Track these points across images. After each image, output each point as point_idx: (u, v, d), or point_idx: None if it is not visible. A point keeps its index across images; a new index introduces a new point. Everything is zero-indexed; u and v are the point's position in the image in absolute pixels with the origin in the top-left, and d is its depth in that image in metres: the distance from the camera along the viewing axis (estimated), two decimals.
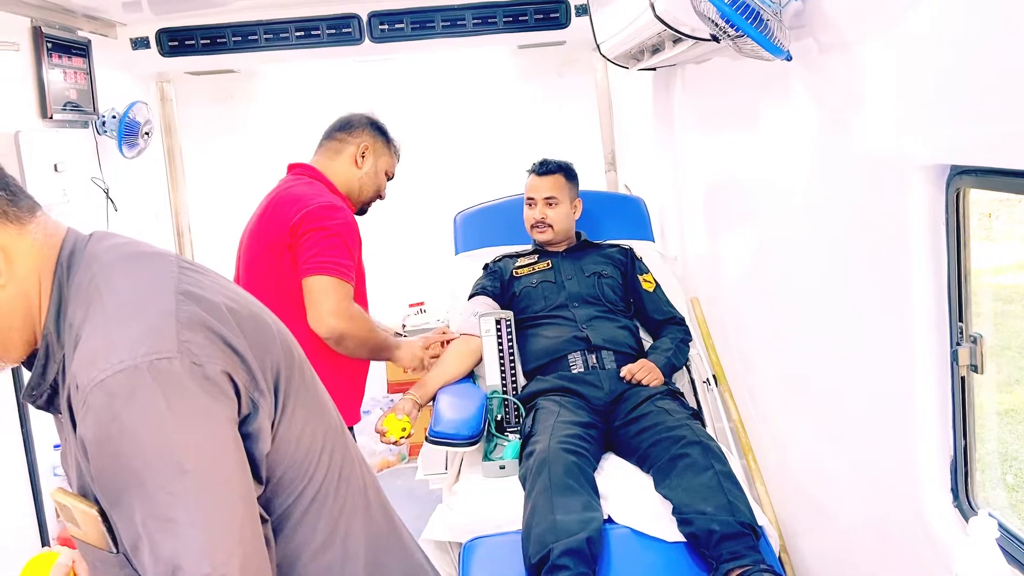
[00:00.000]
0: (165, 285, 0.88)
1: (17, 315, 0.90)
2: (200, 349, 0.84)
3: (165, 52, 3.36)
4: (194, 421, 0.82)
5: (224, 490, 0.84)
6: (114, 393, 0.80)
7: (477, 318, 2.42)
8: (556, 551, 1.74)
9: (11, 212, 0.88)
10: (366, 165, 2.29)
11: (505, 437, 2.27)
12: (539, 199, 2.60)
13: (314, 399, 1.00)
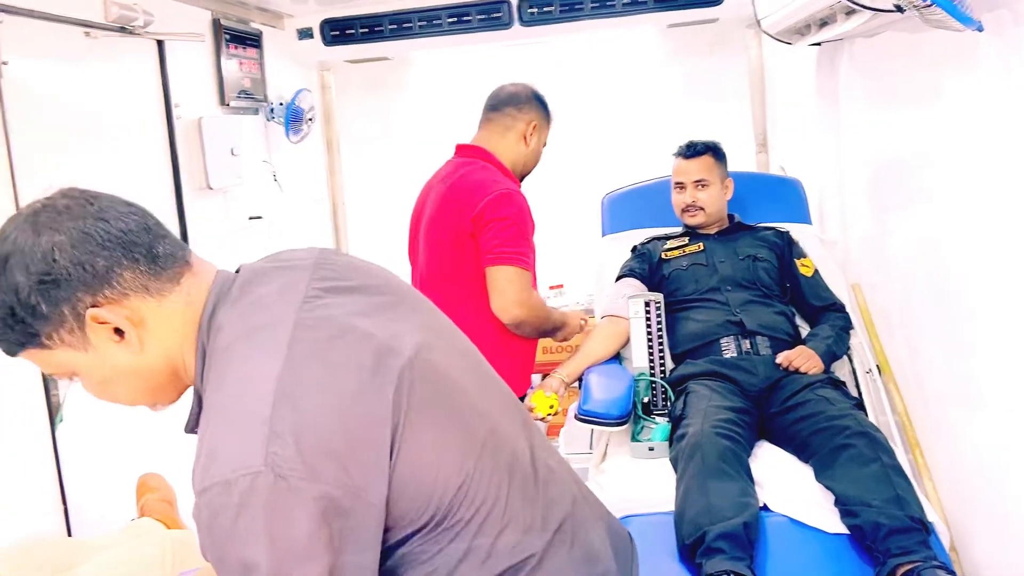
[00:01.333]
0: (266, 385, 0.86)
1: (161, 375, 0.95)
2: (286, 462, 0.82)
3: (327, 41, 3.53)
4: (277, 533, 0.82)
5: None
6: (210, 505, 0.82)
7: (625, 300, 2.41)
8: (711, 534, 1.72)
9: (152, 286, 0.92)
10: (533, 142, 2.31)
11: (652, 420, 2.26)
12: (688, 182, 2.56)
13: (447, 413, 0.95)
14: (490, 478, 0.96)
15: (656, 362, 2.35)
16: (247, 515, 0.81)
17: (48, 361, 0.92)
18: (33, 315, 0.88)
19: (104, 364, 0.92)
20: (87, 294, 0.88)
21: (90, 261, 0.88)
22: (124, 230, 0.91)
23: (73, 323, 0.89)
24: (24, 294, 0.87)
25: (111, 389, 0.96)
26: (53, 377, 0.97)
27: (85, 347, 0.90)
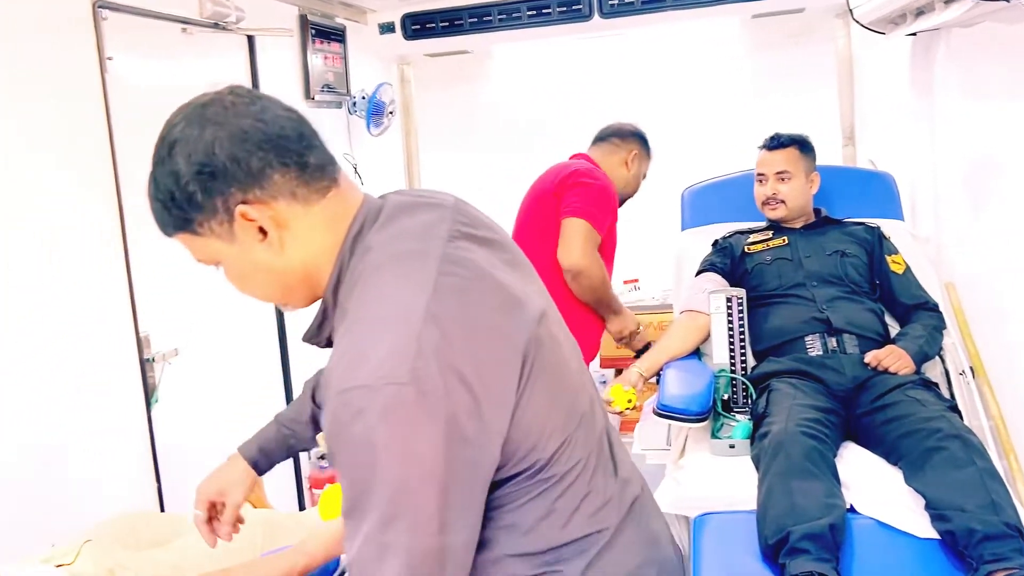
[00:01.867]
0: (417, 303, 0.89)
1: (294, 277, 0.99)
2: (430, 380, 0.85)
3: (408, 35, 3.58)
4: (407, 446, 0.85)
5: (415, 515, 0.87)
6: (349, 405, 0.85)
7: (706, 295, 2.38)
8: (796, 535, 1.69)
9: (299, 192, 0.94)
10: (634, 168, 2.72)
11: (732, 417, 2.22)
12: (770, 174, 2.51)
13: (557, 381, 0.99)
14: (583, 447, 1.00)
15: (737, 359, 2.31)
16: (385, 423, 0.84)
17: (197, 247, 0.98)
18: (189, 202, 0.93)
19: (245, 259, 0.96)
20: (239, 190, 0.92)
21: (245, 160, 0.92)
22: (280, 135, 0.93)
23: (223, 216, 0.93)
24: (184, 181, 0.92)
25: (248, 283, 1.01)
26: (200, 263, 1.01)
27: (231, 240, 0.95)
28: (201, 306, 2.58)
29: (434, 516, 0.87)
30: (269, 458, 1.46)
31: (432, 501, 0.87)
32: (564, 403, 0.99)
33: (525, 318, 0.96)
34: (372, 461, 0.85)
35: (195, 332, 2.53)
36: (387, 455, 0.85)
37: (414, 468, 0.86)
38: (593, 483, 1.01)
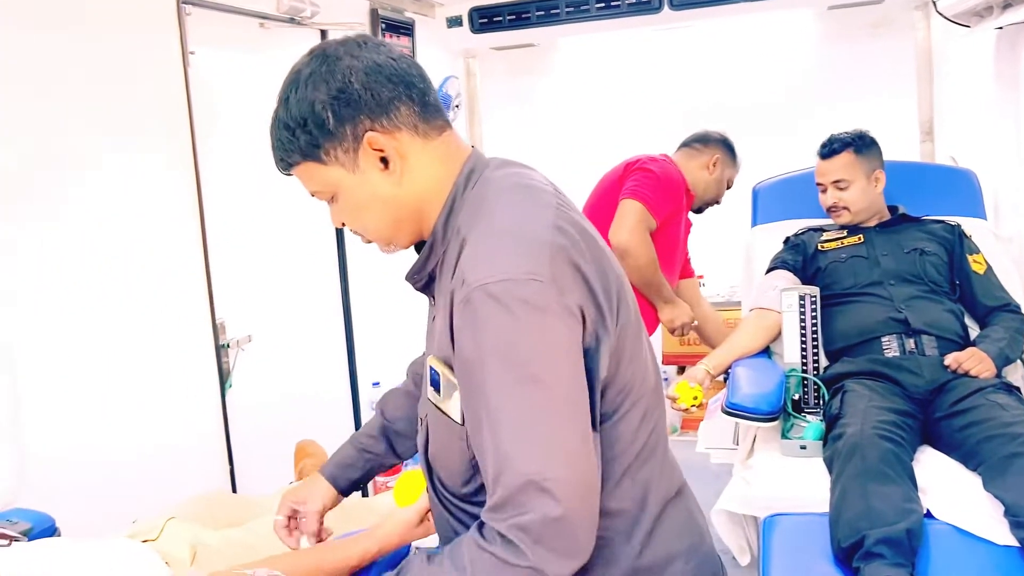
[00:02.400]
0: (545, 217, 0.97)
1: (407, 211, 1.05)
2: (564, 280, 0.92)
3: (475, 29, 3.59)
4: (550, 337, 0.91)
5: (563, 405, 0.91)
6: (493, 296, 0.90)
7: (777, 292, 2.33)
8: (871, 539, 1.65)
9: (420, 127, 1.02)
10: (716, 172, 2.76)
11: (803, 417, 2.18)
12: (827, 183, 2.46)
13: (637, 340, 1.05)
14: (648, 418, 1.05)
15: (809, 358, 2.26)
16: (525, 311, 0.90)
17: (318, 177, 1.03)
18: (320, 128, 0.99)
19: (364, 188, 1.03)
20: (368, 118, 0.99)
21: (377, 90, 0.99)
22: (407, 72, 1.02)
23: (351, 143, 1.00)
24: (318, 107, 0.98)
25: (362, 216, 1.06)
26: (315, 196, 1.07)
27: (353, 169, 1.01)
28: (273, 295, 2.64)
29: (582, 403, 0.93)
30: (347, 474, 1.45)
31: (578, 390, 0.92)
32: (639, 365, 1.04)
33: (615, 273, 1.03)
34: (522, 351, 0.90)
35: (267, 320, 2.60)
36: (536, 345, 0.90)
37: (562, 358, 0.91)
38: (648, 454, 1.05)
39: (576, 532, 0.90)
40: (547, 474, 0.88)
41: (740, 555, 2.05)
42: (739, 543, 2.05)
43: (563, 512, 0.88)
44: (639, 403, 1.03)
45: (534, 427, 0.90)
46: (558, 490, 0.88)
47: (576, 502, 0.90)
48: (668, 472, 1.09)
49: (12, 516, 1.49)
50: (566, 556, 0.90)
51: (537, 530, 0.88)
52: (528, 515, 0.88)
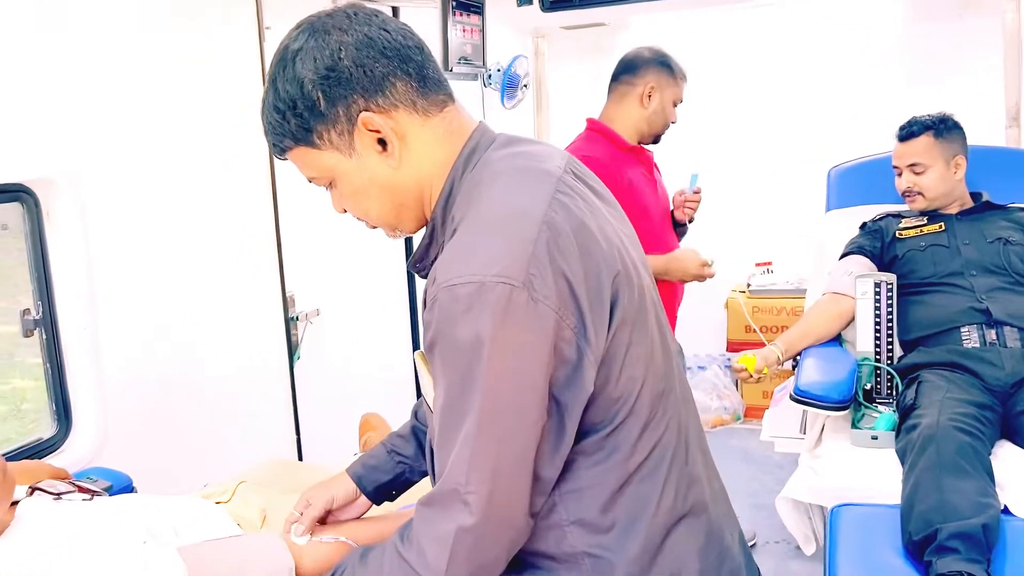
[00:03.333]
0: (535, 210, 0.90)
1: (409, 195, 0.99)
2: (542, 287, 0.86)
3: (545, 7, 3.55)
4: (512, 350, 0.86)
5: (509, 422, 0.88)
6: (457, 299, 0.85)
7: (852, 278, 2.27)
8: (944, 533, 1.60)
9: (419, 104, 0.95)
10: (652, 104, 2.34)
11: (875, 407, 2.13)
12: (903, 167, 2.38)
13: (646, 340, 0.98)
14: (656, 427, 0.98)
15: (883, 347, 2.20)
16: (494, 322, 0.84)
17: (313, 163, 0.98)
18: (311, 110, 0.93)
19: (363, 173, 0.97)
20: (362, 97, 0.92)
21: (370, 66, 0.92)
22: (403, 44, 0.95)
23: (344, 125, 0.94)
24: (308, 88, 0.92)
25: (363, 202, 1.00)
26: (313, 183, 1.02)
27: (350, 152, 0.95)
28: (340, 269, 2.69)
29: (528, 423, 0.88)
30: (374, 476, 1.35)
31: (528, 409, 0.87)
32: (637, 372, 0.96)
33: (619, 258, 0.95)
34: (475, 360, 0.85)
35: (335, 294, 2.64)
36: (492, 355, 0.85)
37: (516, 372, 0.86)
38: (652, 469, 0.98)
39: (487, 547, 0.91)
40: (470, 487, 0.88)
41: (805, 544, 2.02)
42: (804, 532, 2.02)
43: (475, 524, 0.88)
44: (638, 412, 0.96)
45: (467, 446, 0.88)
46: (476, 504, 0.88)
47: (491, 519, 0.89)
48: (681, 490, 1.00)
49: (93, 474, 1.55)
50: (475, 568, 0.91)
51: (449, 542, 0.89)
52: (444, 524, 0.89)
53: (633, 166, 2.34)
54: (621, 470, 0.96)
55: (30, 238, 1.69)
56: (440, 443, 0.91)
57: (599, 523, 0.96)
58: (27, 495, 1.25)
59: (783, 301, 3.71)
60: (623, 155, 2.33)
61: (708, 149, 3.67)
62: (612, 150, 2.33)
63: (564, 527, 0.97)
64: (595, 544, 0.96)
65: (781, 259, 3.70)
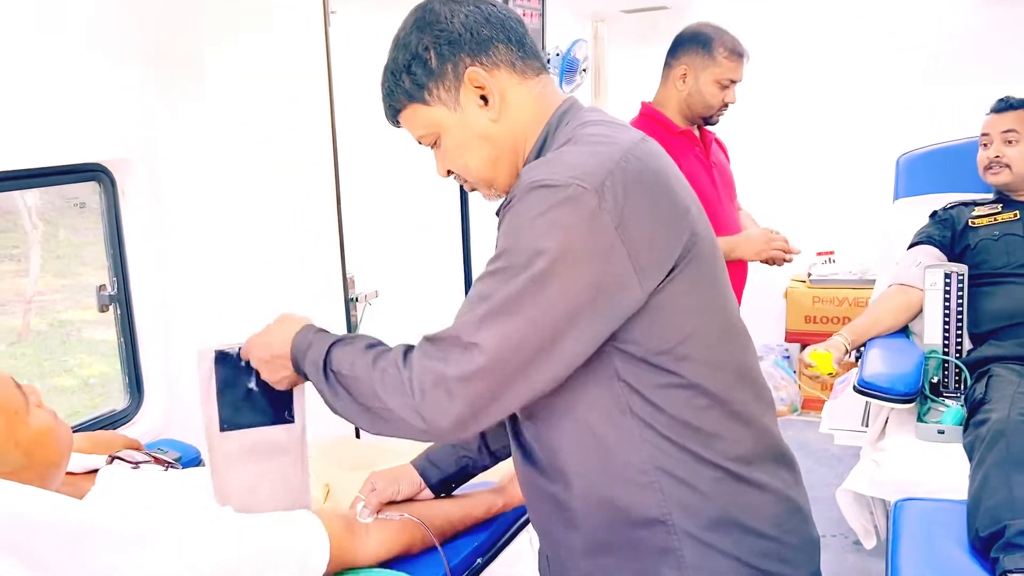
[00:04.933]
0: (624, 143, 0.98)
1: (505, 148, 1.08)
2: (613, 199, 0.92)
3: None
4: (569, 242, 0.91)
5: (540, 310, 0.92)
6: (536, 194, 0.93)
7: (921, 269, 2.21)
8: (1013, 529, 1.56)
9: (518, 65, 1.06)
10: (687, 87, 2.31)
11: (942, 401, 2.07)
12: (995, 135, 2.28)
13: (708, 290, 1.03)
14: (724, 378, 1.03)
15: (952, 340, 2.14)
16: (559, 212, 0.91)
17: (422, 119, 1.08)
18: (424, 67, 1.04)
19: (466, 126, 1.06)
20: (468, 56, 1.04)
21: (477, 29, 1.04)
22: (506, 17, 1.07)
23: (452, 82, 1.05)
24: (421, 49, 1.04)
25: (464, 155, 1.09)
26: (421, 142, 1.12)
27: (455, 107, 1.06)
28: (399, 252, 2.72)
29: (561, 313, 0.92)
30: (438, 468, 1.42)
31: (568, 299, 0.92)
32: (716, 326, 1.02)
33: (695, 214, 1.02)
34: (530, 233, 0.92)
35: (393, 276, 2.67)
36: (547, 234, 0.91)
37: (565, 257, 0.91)
38: (732, 415, 1.02)
39: (475, 401, 0.94)
40: (483, 345, 0.93)
41: (865, 538, 1.99)
42: (865, 526, 1.99)
43: (463, 375, 0.93)
44: (712, 359, 1.01)
45: (498, 303, 0.93)
46: (477, 358, 0.93)
47: (490, 381, 0.93)
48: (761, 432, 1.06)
49: (164, 445, 1.61)
50: (453, 417, 0.94)
51: (446, 381, 0.94)
52: (445, 365, 0.94)
53: (685, 151, 2.31)
54: (650, 446, 1.00)
55: (106, 216, 1.75)
56: (468, 298, 0.97)
57: (630, 512, 1.02)
58: (107, 463, 1.30)
59: (845, 292, 3.63)
60: (674, 140, 2.31)
61: (771, 134, 3.61)
62: (663, 135, 2.31)
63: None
64: (632, 536, 1.02)
65: (843, 248, 3.62)
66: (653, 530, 1.02)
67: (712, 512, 1.01)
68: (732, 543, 1.01)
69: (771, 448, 1.08)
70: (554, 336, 0.93)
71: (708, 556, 1.01)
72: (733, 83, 2.32)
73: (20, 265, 3.19)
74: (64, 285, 3.27)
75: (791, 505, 1.07)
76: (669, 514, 1.01)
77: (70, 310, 3.16)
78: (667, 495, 1.00)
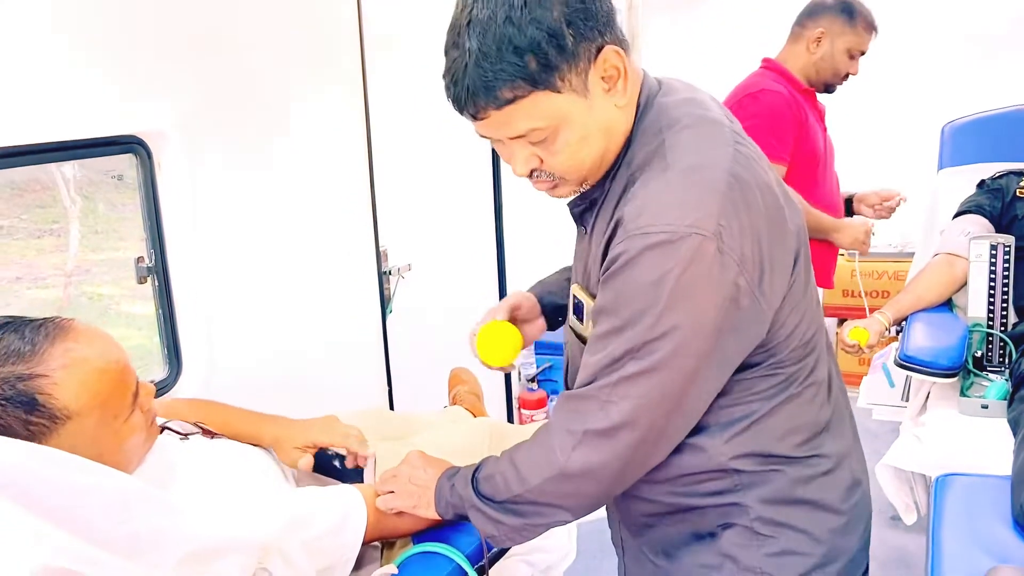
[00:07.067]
0: (722, 163, 0.92)
1: (619, 137, 0.98)
2: (730, 238, 0.88)
3: None
4: (695, 299, 0.89)
5: (679, 373, 0.92)
6: (650, 246, 0.88)
7: (967, 238, 2.15)
8: None
9: (623, 43, 0.94)
10: (820, 50, 2.33)
11: (985, 376, 2.03)
12: None
13: (805, 298, 1.02)
14: (814, 360, 1.04)
15: (997, 313, 2.08)
16: (681, 268, 0.87)
17: (544, 110, 0.91)
18: (559, 48, 0.87)
19: (593, 116, 0.93)
20: (601, 35, 0.90)
21: (605, 4, 0.91)
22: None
23: (584, 64, 0.90)
24: (557, 24, 0.86)
25: (583, 148, 0.95)
26: (524, 138, 0.94)
27: (585, 93, 0.91)
28: (432, 226, 2.71)
29: (689, 365, 0.91)
30: (553, 297, 1.36)
31: (693, 350, 0.91)
32: (812, 309, 1.03)
33: (797, 211, 1.00)
34: (655, 300, 0.89)
35: (426, 250, 2.67)
36: (672, 298, 0.88)
37: (692, 316, 0.89)
38: (818, 399, 1.04)
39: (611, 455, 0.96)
40: (612, 399, 0.94)
41: (906, 514, 1.96)
42: (905, 501, 1.96)
43: (604, 429, 0.95)
44: (811, 344, 1.03)
45: (631, 388, 0.93)
46: (615, 414, 0.94)
47: (624, 435, 0.95)
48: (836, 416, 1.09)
49: None
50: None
51: (580, 437, 0.96)
52: (581, 422, 0.96)
53: (810, 107, 2.37)
54: (776, 400, 1.01)
55: (143, 188, 1.76)
56: (599, 366, 0.95)
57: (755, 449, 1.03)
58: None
59: (885, 264, 3.56)
60: (800, 95, 2.35)
61: None
62: (790, 88, 2.34)
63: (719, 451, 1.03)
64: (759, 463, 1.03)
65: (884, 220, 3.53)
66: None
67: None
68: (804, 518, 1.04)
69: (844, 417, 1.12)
70: (689, 384, 0.94)
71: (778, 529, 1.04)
72: (861, 55, 2.36)
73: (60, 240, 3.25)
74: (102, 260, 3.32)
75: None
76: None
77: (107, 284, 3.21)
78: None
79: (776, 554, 1.03)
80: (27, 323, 0.95)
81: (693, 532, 1.07)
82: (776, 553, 1.03)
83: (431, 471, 1.23)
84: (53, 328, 0.95)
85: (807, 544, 1.03)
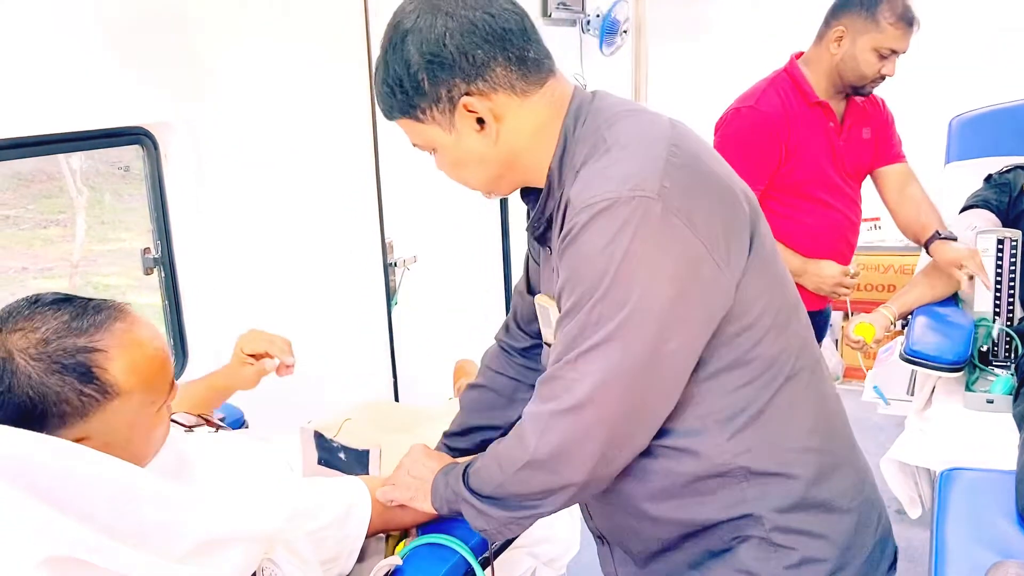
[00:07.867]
0: (660, 135, 0.94)
1: (505, 166, 1.03)
2: (676, 198, 0.89)
3: None
4: (646, 262, 0.88)
5: (639, 342, 0.91)
6: (595, 215, 0.89)
7: (974, 234, 2.15)
8: None
9: (518, 86, 0.98)
10: (841, 51, 2.10)
11: (991, 370, 2.03)
12: None
13: (770, 271, 1.00)
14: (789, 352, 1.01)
15: (1003, 308, 2.08)
16: (627, 234, 0.88)
17: (416, 132, 1.03)
18: (416, 89, 0.97)
19: (460, 148, 1.01)
20: (463, 82, 0.96)
21: (472, 52, 0.95)
22: (505, 28, 0.96)
23: (446, 105, 0.98)
24: (413, 69, 0.96)
25: (460, 172, 1.06)
26: (416, 148, 1.07)
27: (449, 129, 1.00)
28: (437, 218, 2.71)
29: (649, 332, 0.90)
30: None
31: (653, 316, 0.90)
32: (783, 287, 1.02)
33: (746, 193, 1.00)
34: (605, 268, 0.89)
35: (431, 242, 2.67)
36: (623, 264, 0.88)
37: (645, 280, 0.89)
38: (812, 384, 1.04)
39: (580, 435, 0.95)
40: (586, 395, 0.93)
41: (910, 507, 1.96)
42: (910, 495, 1.96)
43: (567, 409, 0.94)
44: (780, 338, 1.00)
45: (598, 361, 0.92)
46: (578, 392, 0.93)
47: (589, 412, 0.93)
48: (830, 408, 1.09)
49: None
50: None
51: (546, 420, 0.96)
52: (546, 404, 0.96)
53: (814, 125, 2.14)
54: (748, 391, 1.00)
55: (149, 179, 1.76)
56: (567, 348, 0.95)
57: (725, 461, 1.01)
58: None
59: (891, 259, 3.55)
60: (807, 112, 2.14)
61: None
62: (797, 106, 2.14)
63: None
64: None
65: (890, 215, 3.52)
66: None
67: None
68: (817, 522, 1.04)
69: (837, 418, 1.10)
70: (659, 344, 0.92)
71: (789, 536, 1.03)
72: (895, 53, 2.09)
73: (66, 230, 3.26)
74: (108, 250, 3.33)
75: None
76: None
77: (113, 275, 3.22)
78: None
79: (795, 565, 1.01)
80: (88, 300, 0.97)
81: (707, 550, 1.06)
82: (795, 564, 1.01)
83: (431, 464, 1.24)
84: (112, 309, 0.97)
85: (826, 549, 1.02)
